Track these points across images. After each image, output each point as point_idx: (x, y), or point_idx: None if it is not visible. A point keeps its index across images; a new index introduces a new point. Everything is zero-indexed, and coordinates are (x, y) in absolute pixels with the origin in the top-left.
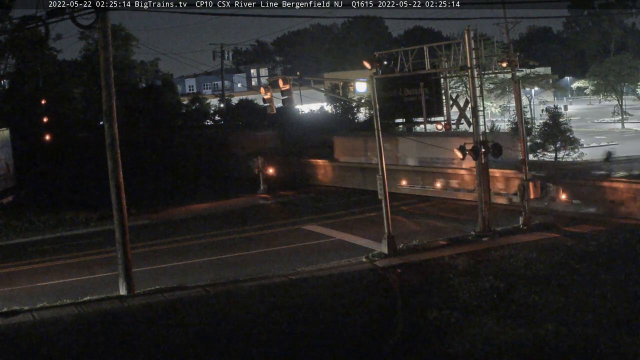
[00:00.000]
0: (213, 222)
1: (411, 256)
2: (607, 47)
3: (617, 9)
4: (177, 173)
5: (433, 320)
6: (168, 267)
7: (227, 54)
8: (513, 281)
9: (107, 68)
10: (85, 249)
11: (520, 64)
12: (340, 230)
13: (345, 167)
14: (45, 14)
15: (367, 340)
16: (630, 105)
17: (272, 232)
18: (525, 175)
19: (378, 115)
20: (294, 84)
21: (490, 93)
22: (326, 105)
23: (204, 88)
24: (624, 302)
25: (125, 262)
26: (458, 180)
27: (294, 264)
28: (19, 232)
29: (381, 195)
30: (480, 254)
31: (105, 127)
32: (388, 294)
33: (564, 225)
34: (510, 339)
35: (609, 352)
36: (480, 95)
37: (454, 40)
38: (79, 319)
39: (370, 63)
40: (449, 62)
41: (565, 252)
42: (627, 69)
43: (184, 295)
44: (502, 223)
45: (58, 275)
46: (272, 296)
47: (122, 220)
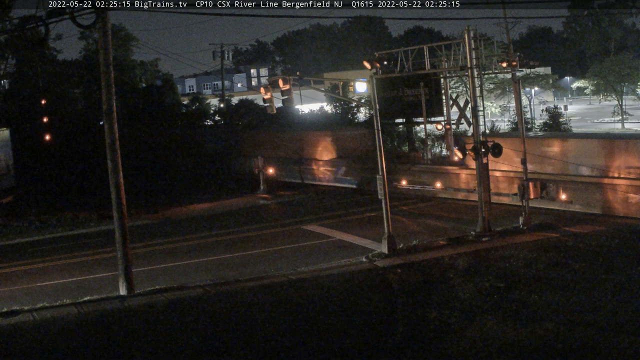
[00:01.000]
0: (213, 222)
1: (411, 256)
2: (607, 47)
3: (617, 9)
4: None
5: (433, 320)
6: (168, 267)
7: (227, 54)
8: (513, 281)
9: (107, 68)
10: (85, 249)
11: (520, 64)
12: (340, 230)
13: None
14: (45, 14)
15: (367, 340)
16: (630, 105)
17: (272, 232)
18: (525, 175)
19: (378, 115)
20: (294, 84)
21: (490, 93)
22: (326, 105)
23: (204, 88)
24: (624, 302)
25: (125, 262)
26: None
27: (294, 264)
28: (19, 232)
29: (381, 195)
30: (480, 254)
31: (105, 127)
32: (388, 294)
33: (564, 225)
34: (510, 339)
35: (609, 352)
36: (480, 95)
37: (454, 40)
38: (79, 319)
39: (370, 63)
40: (449, 62)
41: (565, 252)
42: (627, 69)
43: (184, 295)
44: (502, 223)
45: (58, 275)
46: (272, 296)
47: (122, 220)
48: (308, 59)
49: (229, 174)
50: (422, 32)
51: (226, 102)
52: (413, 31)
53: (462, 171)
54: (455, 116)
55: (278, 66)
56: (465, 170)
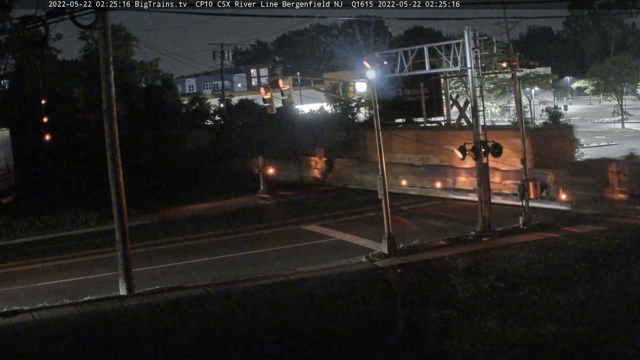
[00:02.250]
0: (213, 222)
1: (411, 256)
2: (607, 47)
3: (617, 9)
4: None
5: (433, 320)
6: (168, 267)
7: (227, 54)
8: (513, 281)
9: (107, 68)
10: (85, 249)
11: (520, 64)
12: (340, 230)
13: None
14: (45, 14)
15: (367, 340)
16: (630, 105)
17: (272, 232)
18: (525, 175)
19: (378, 115)
20: (294, 84)
21: (490, 93)
22: (326, 105)
23: (204, 88)
24: (624, 302)
25: (125, 262)
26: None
27: (294, 264)
28: (19, 232)
29: (381, 195)
30: (480, 254)
31: (105, 127)
32: (388, 294)
33: (564, 225)
34: (510, 339)
35: (609, 351)
36: (480, 95)
37: (454, 40)
38: (79, 319)
39: (370, 63)
40: (448, 62)
41: (565, 252)
42: (627, 69)
43: (184, 295)
44: (502, 223)
45: (58, 275)
46: (272, 296)
47: (122, 220)
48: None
49: (229, 173)
50: (422, 32)
51: (226, 102)
52: (413, 31)
53: (461, 171)
54: (455, 116)
55: (278, 66)
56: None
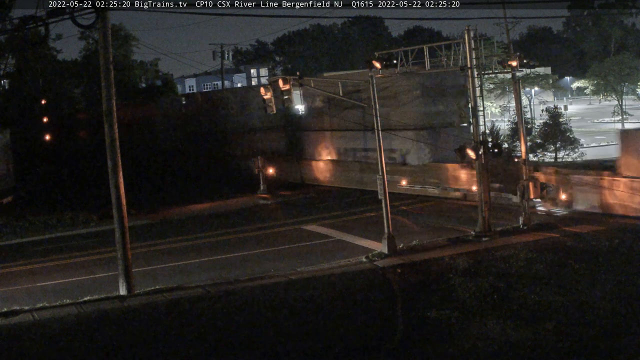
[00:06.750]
0: (213, 222)
1: (411, 256)
2: (607, 47)
3: (617, 9)
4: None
5: (433, 320)
6: (168, 267)
7: (227, 54)
8: (513, 281)
9: (107, 68)
10: (85, 249)
11: (520, 64)
12: (340, 230)
13: None
14: (45, 14)
15: (367, 340)
16: (630, 105)
17: (272, 232)
18: (525, 175)
19: (378, 115)
20: (294, 84)
21: (490, 93)
22: None
23: (204, 88)
24: (624, 302)
25: (125, 262)
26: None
27: (294, 264)
28: (19, 232)
29: (381, 195)
30: (480, 254)
31: (105, 127)
32: (388, 294)
33: (564, 225)
34: (510, 339)
35: (609, 351)
36: (480, 95)
37: (454, 40)
38: (79, 319)
39: (370, 63)
40: (448, 62)
41: (565, 252)
42: (627, 69)
43: (184, 295)
44: (502, 223)
45: (58, 275)
46: (272, 296)
47: (122, 220)
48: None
49: (229, 173)
50: (422, 32)
51: None
52: (413, 31)
53: (462, 170)
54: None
55: (278, 66)
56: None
